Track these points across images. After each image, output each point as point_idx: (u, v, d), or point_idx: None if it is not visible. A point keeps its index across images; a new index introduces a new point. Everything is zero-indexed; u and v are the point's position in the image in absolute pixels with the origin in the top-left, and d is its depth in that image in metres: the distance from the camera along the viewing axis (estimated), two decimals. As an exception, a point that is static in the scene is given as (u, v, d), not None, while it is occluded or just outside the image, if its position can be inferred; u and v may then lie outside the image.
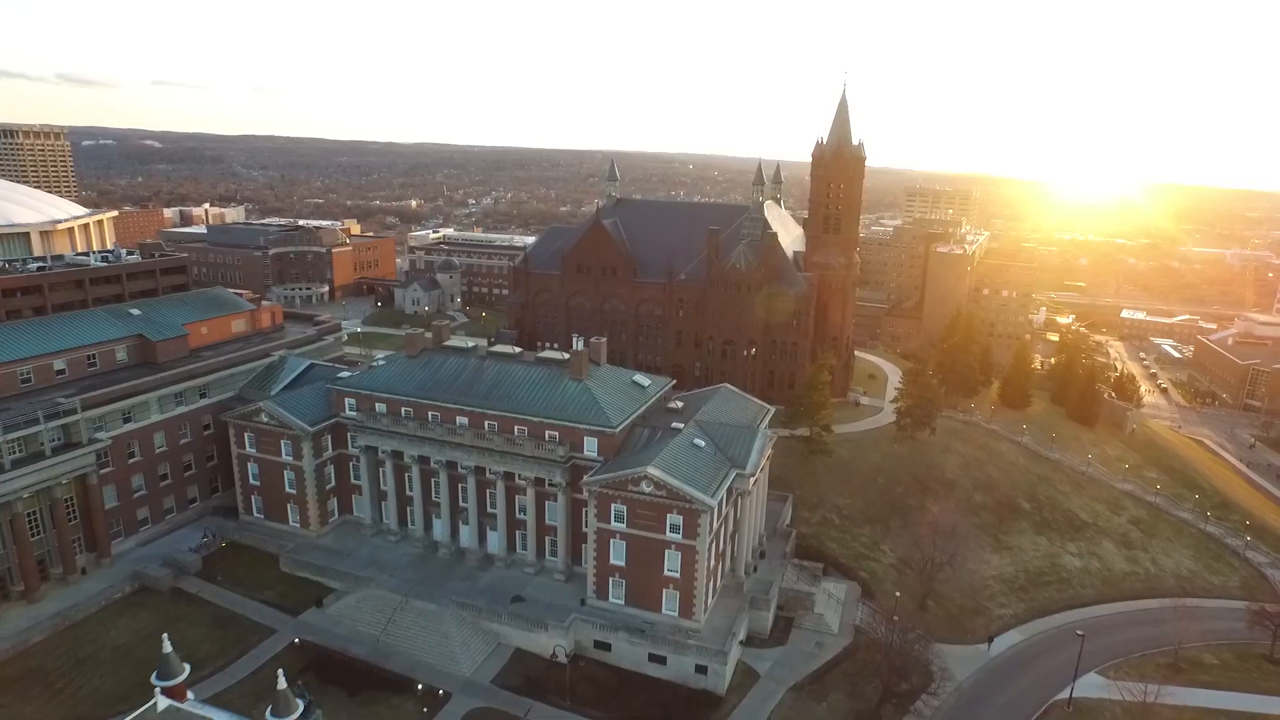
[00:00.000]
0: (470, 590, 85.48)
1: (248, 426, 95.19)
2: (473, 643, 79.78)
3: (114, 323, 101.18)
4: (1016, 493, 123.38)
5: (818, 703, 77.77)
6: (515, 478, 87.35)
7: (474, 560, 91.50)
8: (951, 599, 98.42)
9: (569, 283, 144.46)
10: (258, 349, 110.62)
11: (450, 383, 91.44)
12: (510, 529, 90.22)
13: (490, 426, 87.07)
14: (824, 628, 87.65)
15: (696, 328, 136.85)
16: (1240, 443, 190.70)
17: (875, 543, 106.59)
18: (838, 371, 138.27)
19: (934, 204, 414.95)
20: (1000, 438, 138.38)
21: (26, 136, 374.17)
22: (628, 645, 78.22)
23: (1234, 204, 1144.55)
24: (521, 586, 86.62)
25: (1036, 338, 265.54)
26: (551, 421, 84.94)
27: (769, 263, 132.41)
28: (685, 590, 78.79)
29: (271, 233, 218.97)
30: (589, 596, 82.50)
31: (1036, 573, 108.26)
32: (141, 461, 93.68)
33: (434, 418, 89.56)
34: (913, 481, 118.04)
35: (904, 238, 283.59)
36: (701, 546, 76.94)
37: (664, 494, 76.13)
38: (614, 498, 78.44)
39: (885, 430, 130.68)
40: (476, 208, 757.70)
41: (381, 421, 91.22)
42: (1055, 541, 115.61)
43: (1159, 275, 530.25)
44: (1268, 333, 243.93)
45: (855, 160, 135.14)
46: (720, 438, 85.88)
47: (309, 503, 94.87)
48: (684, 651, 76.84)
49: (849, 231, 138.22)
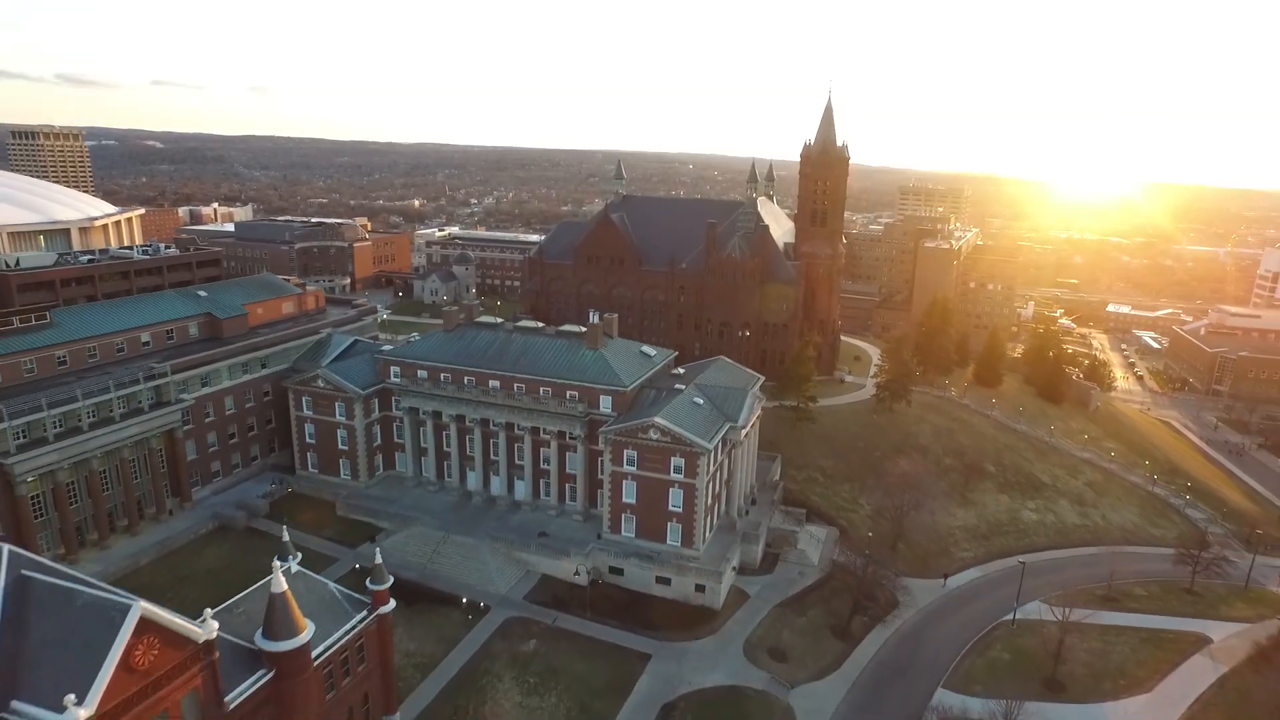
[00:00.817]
0: (502, 528, 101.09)
1: (305, 391, 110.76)
2: (506, 569, 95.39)
3: (186, 303, 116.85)
4: (983, 458, 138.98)
5: (798, 617, 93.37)
6: (540, 432, 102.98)
7: (504, 505, 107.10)
8: (919, 543, 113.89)
9: (580, 271, 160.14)
10: (307, 327, 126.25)
11: (483, 352, 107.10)
12: (535, 478, 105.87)
13: (518, 388, 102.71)
14: (805, 561, 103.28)
15: (696, 311, 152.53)
16: (1205, 424, 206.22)
17: (854, 497, 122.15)
18: (824, 351, 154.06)
19: (926, 202, 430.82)
20: (972, 411, 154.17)
21: (46, 138, 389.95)
22: (638, 569, 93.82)
23: (1232, 203, 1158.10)
24: (546, 525, 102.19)
25: (1023, 329, 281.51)
26: (572, 383, 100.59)
27: (761, 253, 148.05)
28: (686, 523, 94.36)
29: (297, 228, 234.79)
30: (604, 531, 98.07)
31: (997, 524, 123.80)
32: (215, 421, 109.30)
33: (469, 382, 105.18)
34: (889, 447, 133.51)
35: (895, 234, 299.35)
36: (700, 485, 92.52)
37: (668, 440, 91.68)
38: (626, 444, 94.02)
39: (866, 403, 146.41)
40: (478, 207, 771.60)
41: (423, 386, 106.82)
42: (1016, 499, 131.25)
43: (1152, 272, 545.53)
44: (1238, 323, 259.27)
45: (840, 160, 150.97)
46: (716, 397, 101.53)
47: (359, 457, 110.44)
48: (685, 573, 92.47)
49: (834, 224, 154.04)
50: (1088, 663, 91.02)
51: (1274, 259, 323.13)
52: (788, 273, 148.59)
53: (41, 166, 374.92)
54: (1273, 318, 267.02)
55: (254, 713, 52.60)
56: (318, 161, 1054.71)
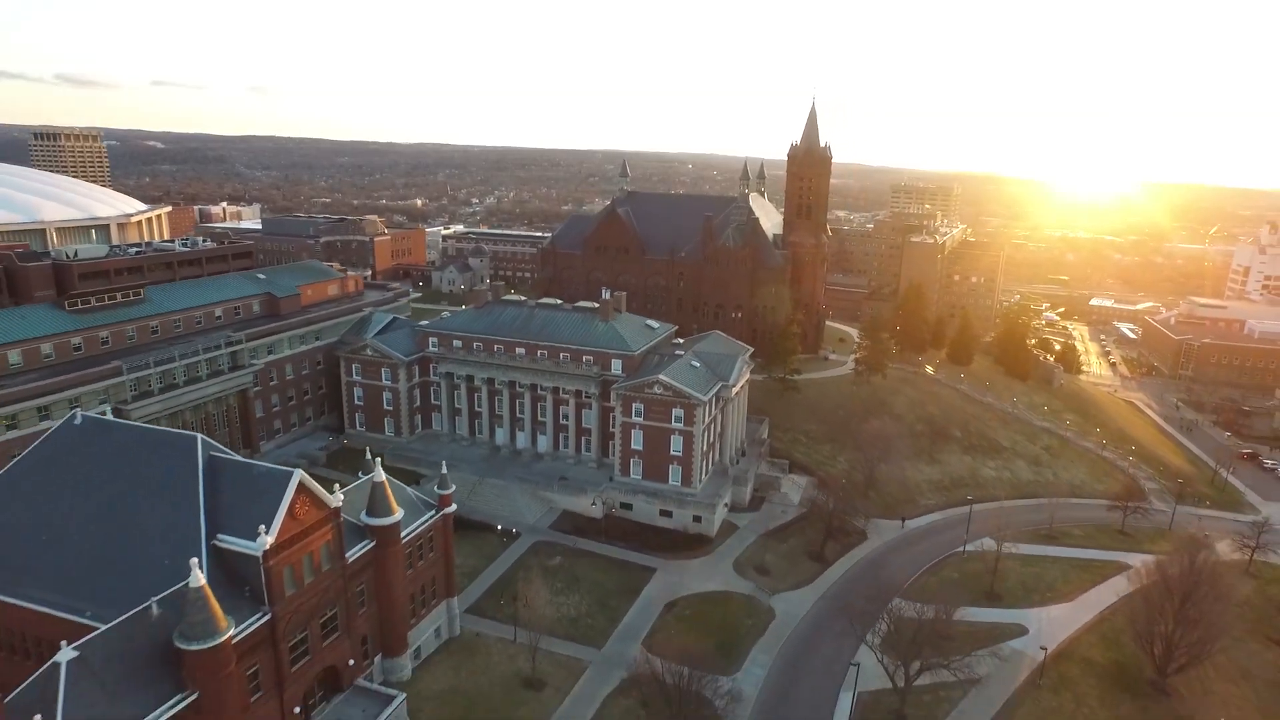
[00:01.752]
0: (528, 474, 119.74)
1: (355, 359, 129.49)
2: (533, 505, 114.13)
3: (250, 284, 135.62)
4: (950, 424, 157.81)
5: (780, 544, 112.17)
6: (560, 392, 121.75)
7: (528, 456, 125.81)
8: (889, 491, 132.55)
9: (589, 260, 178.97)
10: (350, 306, 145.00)
11: (509, 324, 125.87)
12: (556, 432, 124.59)
13: (541, 354, 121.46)
14: (787, 501, 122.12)
15: (694, 295, 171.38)
16: (1167, 404, 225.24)
17: (833, 455, 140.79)
18: (810, 332, 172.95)
19: (917, 200, 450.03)
20: (943, 385, 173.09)
21: (68, 139, 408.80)
22: (644, 504, 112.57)
23: (1229, 201, 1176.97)
24: (565, 472, 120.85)
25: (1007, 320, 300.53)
26: (587, 349, 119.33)
27: (752, 243, 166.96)
28: (686, 465, 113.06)
29: (321, 223, 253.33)
30: (615, 474, 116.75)
31: (959, 479, 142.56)
32: (278, 384, 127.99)
33: (498, 350, 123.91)
34: (866, 414, 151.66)
35: (884, 230, 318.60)
36: (697, 432, 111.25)
37: (670, 394, 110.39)
38: (634, 399, 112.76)
39: (847, 377, 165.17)
40: (480, 207, 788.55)
41: (458, 353, 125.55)
42: (978, 459, 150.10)
43: (1142, 269, 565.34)
44: (1206, 314, 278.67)
45: (822, 159, 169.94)
46: (711, 361, 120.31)
47: (402, 416, 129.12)
48: (685, 507, 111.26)
49: (818, 217, 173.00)
50: (1022, 581, 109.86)
51: (1245, 254, 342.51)
52: (776, 260, 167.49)
53: (62, 166, 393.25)
54: (1238, 308, 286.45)
55: (361, 572, 71.36)
56: (318, 161, 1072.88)
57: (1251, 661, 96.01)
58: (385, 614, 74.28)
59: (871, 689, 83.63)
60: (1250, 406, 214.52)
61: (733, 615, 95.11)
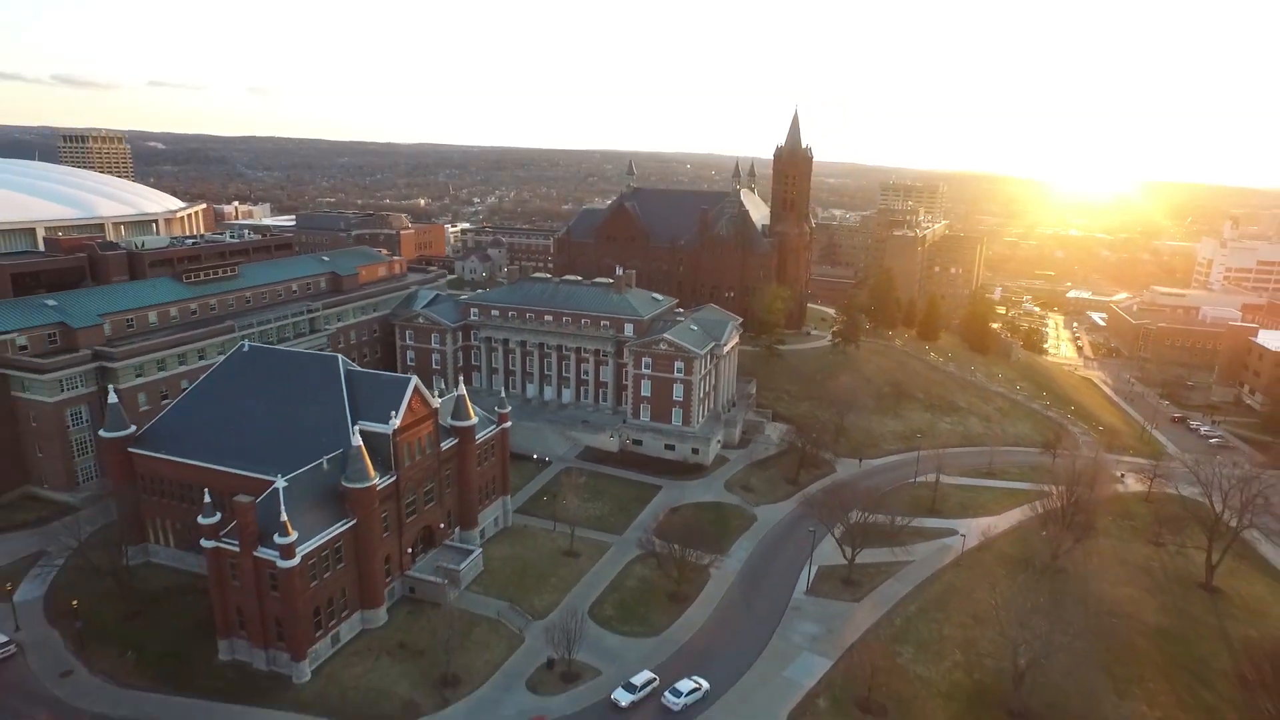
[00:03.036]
0: (555, 418, 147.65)
1: (409, 326, 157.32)
2: (561, 441, 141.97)
3: (317, 264, 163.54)
4: (914, 388, 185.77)
5: (762, 471, 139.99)
6: (581, 351, 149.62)
7: (555, 406, 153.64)
8: (855, 438, 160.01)
9: (600, 248, 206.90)
10: (398, 284, 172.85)
11: (538, 297, 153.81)
12: (577, 385, 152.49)
13: (565, 320, 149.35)
14: (769, 441, 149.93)
15: (692, 278, 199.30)
16: (1122, 380, 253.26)
17: (811, 410, 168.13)
18: (794, 310, 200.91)
19: (905, 198, 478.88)
20: (910, 355, 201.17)
21: (95, 141, 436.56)
22: (652, 439, 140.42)
23: (1224, 200, 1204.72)
24: (586, 417, 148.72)
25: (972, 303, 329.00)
26: (604, 315, 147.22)
27: (743, 232, 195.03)
28: (686, 408, 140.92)
29: (351, 218, 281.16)
30: (628, 417, 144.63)
31: (917, 429, 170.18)
32: (343, 347, 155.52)
33: (529, 317, 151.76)
34: (841, 377, 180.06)
35: (870, 225, 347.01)
36: (695, 381, 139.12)
37: (673, 350, 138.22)
38: (644, 354, 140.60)
39: (826, 348, 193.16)
40: (482, 206, 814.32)
41: (496, 321, 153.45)
42: (936, 415, 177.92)
43: (1128, 265, 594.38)
44: (1166, 301, 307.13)
45: (804, 159, 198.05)
46: (706, 325, 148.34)
47: (448, 374, 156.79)
48: (685, 441, 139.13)
49: (801, 209, 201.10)
50: (960, 502, 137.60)
51: (1208, 248, 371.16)
52: (763, 248, 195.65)
53: (89, 167, 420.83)
54: (1196, 296, 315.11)
55: (448, 461, 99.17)
56: (319, 162, 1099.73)
57: (1130, 554, 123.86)
58: (463, 495, 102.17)
59: (828, 564, 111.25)
60: (1192, 382, 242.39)
61: (723, 517, 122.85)
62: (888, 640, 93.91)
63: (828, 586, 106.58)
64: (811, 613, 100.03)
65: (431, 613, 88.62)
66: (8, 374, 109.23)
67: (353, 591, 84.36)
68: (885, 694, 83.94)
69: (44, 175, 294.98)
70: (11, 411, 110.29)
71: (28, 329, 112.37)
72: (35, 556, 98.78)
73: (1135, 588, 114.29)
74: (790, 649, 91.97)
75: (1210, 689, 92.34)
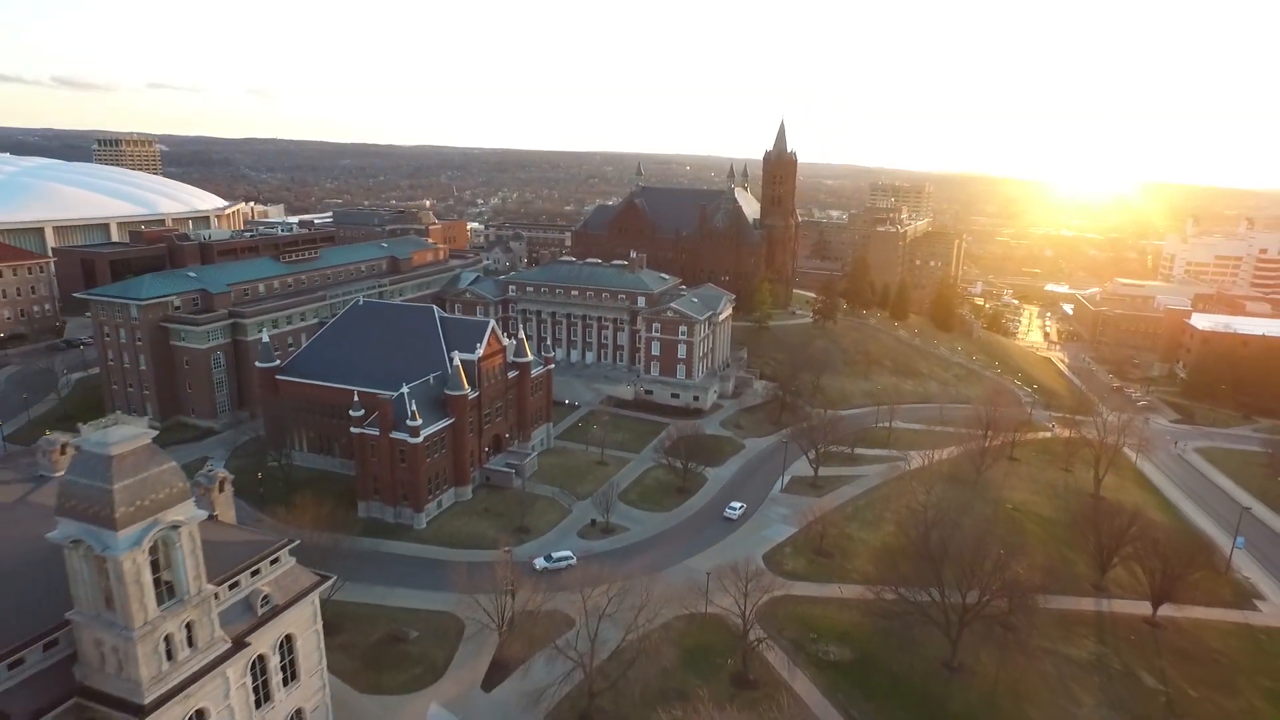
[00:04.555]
0: (581, 374, 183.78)
1: (457, 300, 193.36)
2: (587, 392, 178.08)
3: (377, 249, 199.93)
4: (884, 357, 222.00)
5: (751, 415, 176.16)
6: (602, 320, 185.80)
7: (580, 366, 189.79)
8: (829, 396, 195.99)
9: (613, 239, 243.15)
10: (444, 266, 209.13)
11: (567, 276, 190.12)
12: (599, 348, 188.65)
13: (589, 295, 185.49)
14: (757, 394, 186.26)
15: (692, 265, 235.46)
16: (1078, 359, 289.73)
17: (792, 373, 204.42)
18: (780, 292, 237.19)
19: (893, 197, 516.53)
20: (881, 331, 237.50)
21: (127, 144, 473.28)
22: (660, 389, 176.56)
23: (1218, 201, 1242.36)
24: (607, 374, 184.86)
25: (967, 301, 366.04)
26: (621, 290, 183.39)
27: (736, 225, 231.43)
28: (688, 364, 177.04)
29: (385, 215, 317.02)
30: (640, 373, 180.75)
31: (884, 389, 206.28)
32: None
33: (559, 292, 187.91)
34: (820, 348, 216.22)
35: (856, 222, 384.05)
36: (696, 342, 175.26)
37: (678, 316, 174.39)
38: (654, 320, 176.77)
39: (808, 324, 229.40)
40: (486, 207, 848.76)
41: (531, 295, 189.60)
42: (900, 379, 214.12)
43: (1112, 263, 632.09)
44: (1126, 292, 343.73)
45: (790, 163, 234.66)
46: (705, 299, 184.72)
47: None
48: (688, 390, 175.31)
49: (787, 204, 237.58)
50: (911, 440, 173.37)
51: (1172, 244, 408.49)
52: (754, 238, 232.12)
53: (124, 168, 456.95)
54: (1153, 287, 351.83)
55: (510, 388, 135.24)
56: (321, 163, 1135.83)
57: (1042, 475, 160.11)
58: (521, 414, 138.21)
59: (800, 475, 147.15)
60: (1138, 360, 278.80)
61: (719, 445, 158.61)
62: (839, 519, 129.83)
63: (798, 488, 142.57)
64: (784, 503, 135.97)
65: (503, 493, 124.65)
66: (168, 326, 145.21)
67: (449, 472, 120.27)
68: (833, 546, 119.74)
69: (109, 176, 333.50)
70: (170, 357, 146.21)
71: (179, 293, 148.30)
72: (201, 461, 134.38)
73: (1038, 496, 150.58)
74: (766, 522, 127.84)
75: (1076, 553, 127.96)
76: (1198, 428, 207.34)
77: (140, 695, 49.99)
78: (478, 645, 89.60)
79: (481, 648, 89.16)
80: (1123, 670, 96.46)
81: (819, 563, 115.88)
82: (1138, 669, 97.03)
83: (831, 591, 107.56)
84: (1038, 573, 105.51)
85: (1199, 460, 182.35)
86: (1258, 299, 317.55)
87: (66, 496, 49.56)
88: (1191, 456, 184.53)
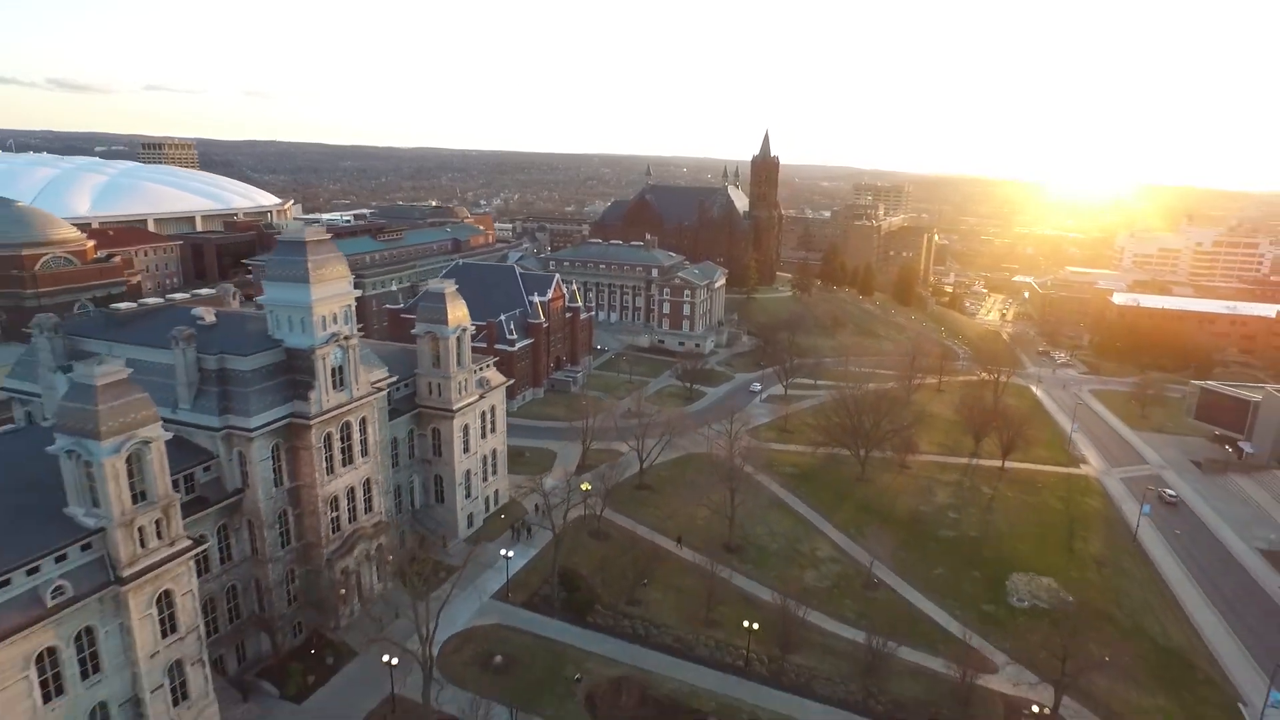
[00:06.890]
0: (608, 329, 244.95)
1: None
2: (614, 341, 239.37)
3: (443, 233, 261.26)
4: (849, 322, 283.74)
5: (741, 359, 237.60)
6: (624, 288, 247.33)
7: (607, 323, 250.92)
8: (802, 347, 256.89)
9: (626, 229, 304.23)
10: (493, 248, 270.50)
11: (595, 253, 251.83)
12: (621, 310, 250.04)
13: (614, 268, 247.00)
14: (744, 345, 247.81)
15: (693, 249, 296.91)
16: (1023, 333, 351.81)
17: (773, 331, 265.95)
18: (765, 271, 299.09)
19: (871, 195, 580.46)
20: (849, 303, 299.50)
21: (170, 148, 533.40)
22: (670, 339, 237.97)
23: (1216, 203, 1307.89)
24: (628, 328, 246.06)
25: (939, 290, 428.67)
26: (638, 264, 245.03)
27: (729, 216, 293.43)
28: (692, 320, 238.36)
29: (424, 210, 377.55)
30: (654, 327, 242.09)
31: (846, 346, 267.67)
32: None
33: (589, 265, 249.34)
34: (797, 314, 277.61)
35: (838, 218, 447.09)
36: (698, 303, 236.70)
37: (684, 283, 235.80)
38: (665, 286, 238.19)
39: (787, 297, 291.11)
40: (489, 208, 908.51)
41: (567, 268, 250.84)
42: (861, 338, 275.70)
43: (1091, 260, 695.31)
44: (1074, 279, 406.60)
45: (773, 165, 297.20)
46: (704, 271, 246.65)
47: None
48: (691, 339, 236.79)
49: (771, 199, 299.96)
50: (862, 378, 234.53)
51: (1122, 238, 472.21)
52: (744, 227, 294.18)
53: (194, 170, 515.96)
54: (1099, 274, 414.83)
55: (564, 326, 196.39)
56: (323, 165, 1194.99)
57: (960, 398, 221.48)
58: (573, 345, 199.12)
59: (772, 394, 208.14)
60: (1071, 334, 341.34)
61: (715, 374, 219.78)
62: (799, 414, 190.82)
63: (772, 399, 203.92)
64: (762, 405, 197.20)
65: (565, 394, 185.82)
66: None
67: (528, 377, 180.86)
68: (795, 427, 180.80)
69: (188, 176, 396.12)
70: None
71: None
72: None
73: (951, 410, 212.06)
74: (751, 414, 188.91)
75: (964, 436, 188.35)
76: (1099, 378, 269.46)
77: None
78: (563, 461, 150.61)
79: (569, 464, 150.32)
80: (970, 486, 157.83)
81: (784, 435, 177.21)
82: (981, 486, 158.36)
83: (791, 447, 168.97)
84: (932, 444, 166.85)
85: (1088, 397, 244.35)
86: (1183, 284, 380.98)
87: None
88: (1085, 395, 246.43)
